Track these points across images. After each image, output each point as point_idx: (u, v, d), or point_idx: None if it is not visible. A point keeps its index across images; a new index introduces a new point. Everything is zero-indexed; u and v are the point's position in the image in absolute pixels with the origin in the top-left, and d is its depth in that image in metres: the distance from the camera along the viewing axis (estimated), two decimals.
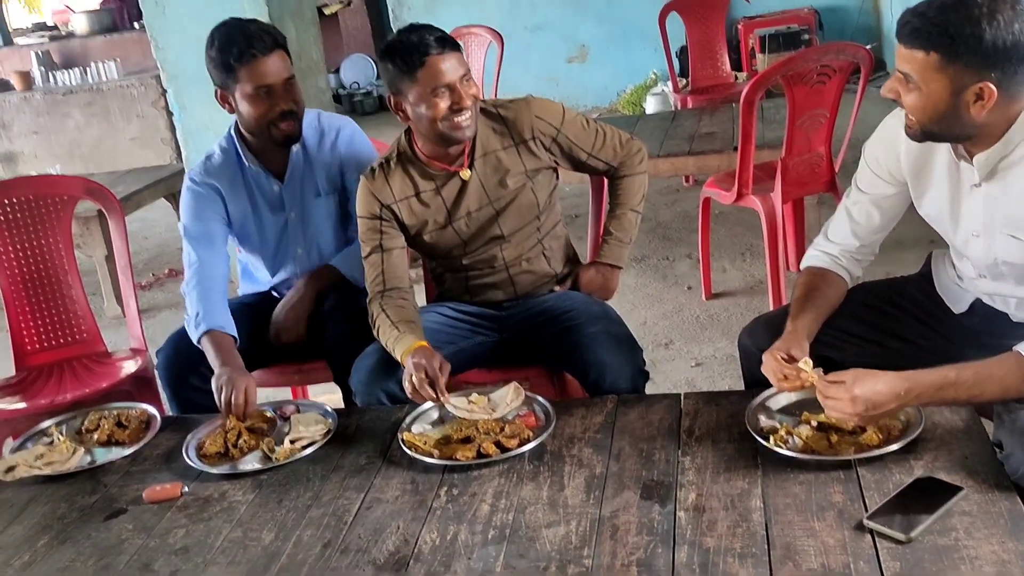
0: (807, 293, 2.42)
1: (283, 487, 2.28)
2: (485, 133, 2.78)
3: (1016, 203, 2.12)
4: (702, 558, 1.79)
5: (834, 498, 1.90)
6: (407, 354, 2.53)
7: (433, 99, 2.60)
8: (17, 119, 9.79)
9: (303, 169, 3.10)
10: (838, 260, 2.48)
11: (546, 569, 1.83)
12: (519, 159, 2.79)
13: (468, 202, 2.80)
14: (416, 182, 2.79)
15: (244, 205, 3.13)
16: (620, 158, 2.95)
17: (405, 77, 2.60)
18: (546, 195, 2.89)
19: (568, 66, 9.51)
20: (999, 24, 1.95)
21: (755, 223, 4.56)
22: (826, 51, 4.33)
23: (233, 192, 3.11)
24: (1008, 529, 1.74)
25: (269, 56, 2.87)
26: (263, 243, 3.19)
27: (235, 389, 2.59)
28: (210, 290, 2.96)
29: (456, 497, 2.12)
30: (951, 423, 2.09)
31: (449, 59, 2.60)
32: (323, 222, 3.16)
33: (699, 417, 2.28)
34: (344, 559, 1.96)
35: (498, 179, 2.79)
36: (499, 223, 2.84)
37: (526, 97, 2.84)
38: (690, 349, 4.30)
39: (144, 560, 2.07)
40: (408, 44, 2.58)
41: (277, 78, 2.89)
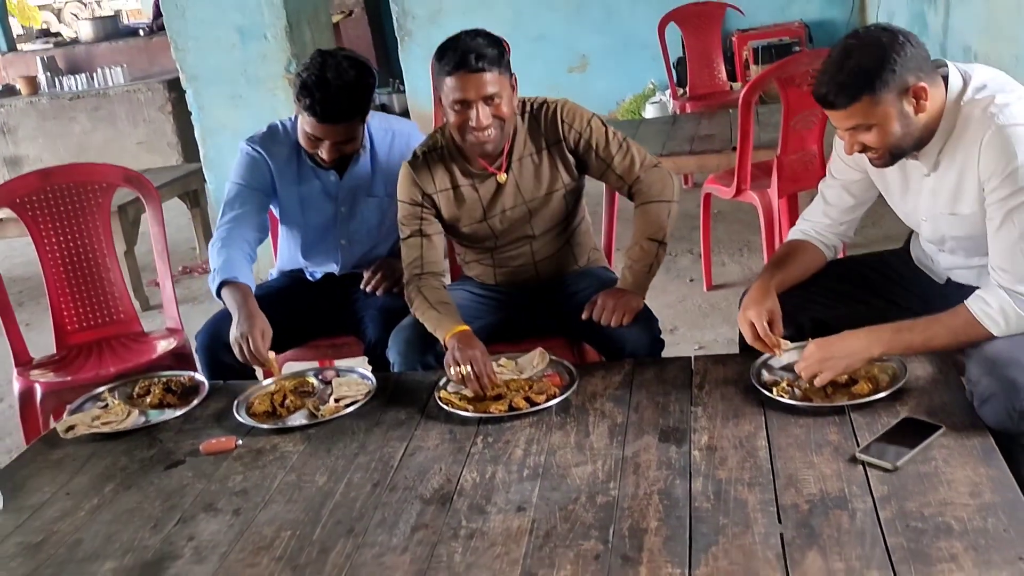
0: (780, 257, 2.73)
1: (330, 439, 2.48)
2: (522, 136, 2.89)
3: (956, 185, 2.39)
4: (716, 487, 2.03)
5: (830, 437, 2.16)
6: (449, 336, 2.68)
7: (452, 111, 2.73)
8: (23, 123, 9.85)
9: (365, 170, 3.20)
10: (809, 232, 2.77)
11: (577, 499, 2.06)
12: (553, 162, 2.91)
13: (504, 201, 2.93)
14: (455, 176, 2.91)
15: (293, 184, 3.21)
16: (638, 176, 2.91)
17: (439, 79, 2.71)
18: (575, 198, 3.03)
19: (569, 76, 9.71)
20: (893, 42, 2.24)
21: (752, 221, 4.80)
22: (817, 56, 4.55)
23: (284, 170, 3.19)
24: (980, 458, 2.00)
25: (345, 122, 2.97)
26: (306, 225, 3.30)
27: (243, 344, 2.77)
28: (233, 248, 3.08)
29: (491, 444, 2.35)
30: (931, 375, 2.37)
31: (476, 79, 2.64)
32: (370, 219, 3.28)
33: (708, 375, 2.53)
34: (393, 495, 2.18)
35: (533, 182, 2.92)
36: (532, 224, 2.98)
37: (561, 100, 2.93)
38: (693, 335, 4.54)
39: (207, 500, 2.27)
40: (449, 49, 2.67)
41: (334, 138, 2.99)
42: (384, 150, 3.22)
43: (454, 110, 2.71)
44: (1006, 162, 2.24)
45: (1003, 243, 2.30)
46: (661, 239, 2.89)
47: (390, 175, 3.12)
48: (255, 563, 1.99)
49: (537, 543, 1.92)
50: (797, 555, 1.78)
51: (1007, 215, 2.27)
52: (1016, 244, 2.28)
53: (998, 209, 2.29)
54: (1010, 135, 2.24)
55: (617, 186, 3.01)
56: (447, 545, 1.96)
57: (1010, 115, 2.26)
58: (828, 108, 2.33)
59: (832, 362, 2.32)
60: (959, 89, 2.34)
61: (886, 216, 2.81)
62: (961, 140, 2.34)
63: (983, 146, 2.27)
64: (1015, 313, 2.27)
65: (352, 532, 2.06)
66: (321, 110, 2.91)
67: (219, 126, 5.65)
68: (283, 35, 5.58)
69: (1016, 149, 2.23)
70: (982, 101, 2.31)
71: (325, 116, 2.92)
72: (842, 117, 2.33)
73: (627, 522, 1.95)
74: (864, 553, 1.76)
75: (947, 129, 2.35)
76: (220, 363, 3.04)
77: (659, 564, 1.81)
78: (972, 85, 2.34)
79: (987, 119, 2.27)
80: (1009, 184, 2.25)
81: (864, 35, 2.30)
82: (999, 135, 2.25)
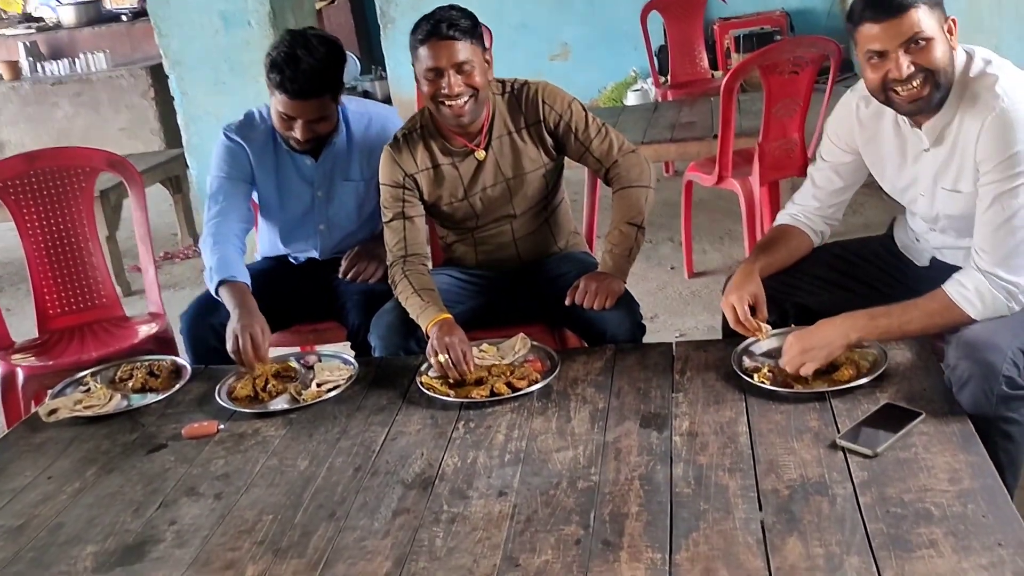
0: (768, 241, 2.74)
1: (312, 424, 2.49)
2: (501, 115, 2.92)
3: (959, 162, 2.40)
4: (696, 472, 2.04)
5: (811, 423, 2.17)
6: (432, 324, 2.69)
7: (425, 81, 2.75)
8: (4, 108, 9.78)
9: (341, 154, 3.19)
10: (798, 217, 2.77)
11: (558, 485, 2.07)
12: (532, 141, 2.94)
13: (484, 179, 2.95)
14: (435, 155, 2.93)
15: (270, 171, 3.21)
16: (616, 160, 2.95)
17: (414, 52, 2.75)
18: (555, 177, 3.06)
19: (551, 63, 9.70)
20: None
21: (733, 209, 4.82)
22: (799, 44, 4.61)
23: (262, 156, 3.19)
24: (959, 444, 2.02)
25: (315, 98, 2.95)
26: (284, 211, 3.30)
27: (242, 336, 2.76)
28: (225, 244, 3.07)
29: (473, 429, 2.36)
30: (911, 361, 2.39)
31: (448, 46, 2.68)
32: (348, 203, 3.27)
33: (690, 361, 2.54)
34: (375, 480, 2.19)
35: (512, 160, 2.94)
36: (512, 203, 3.00)
37: (542, 82, 2.96)
38: (674, 322, 4.55)
39: (189, 484, 2.27)
40: (423, 20, 2.71)
41: (306, 115, 2.98)
42: (360, 132, 3.21)
43: (427, 79, 2.74)
44: (1005, 147, 2.26)
45: (988, 225, 2.32)
46: (640, 223, 2.91)
47: (367, 158, 3.15)
48: (236, 547, 2.00)
49: (518, 528, 1.93)
50: (777, 540, 1.79)
51: (996, 198, 2.30)
52: (1000, 227, 2.30)
53: (989, 192, 2.31)
54: (1012, 120, 2.26)
55: (595, 168, 3.04)
56: (428, 530, 1.97)
57: (1014, 100, 2.28)
58: (882, 18, 2.26)
59: (813, 352, 2.33)
60: (964, 62, 2.36)
61: (867, 204, 2.83)
62: (966, 117, 2.35)
63: (984, 128, 2.29)
64: (991, 295, 2.30)
65: (334, 516, 2.06)
66: (291, 86, 2.90)
67: (202, 112, 5.65)
68: (267, 21, 5.58)
69: (1015, 136, 2.26)
70: (988, 78, 2.32)
71: (296, 92, 2.92)
72: (897, 28, 2.26)
73: (608, 507, 1.96)
74: (844, 539, 1.77)
75: (954, 103, 2.37)
76: (204, 345, 3.04)
77: (640, 549, 1.82)
78: (978, 57, 2.36)
79: (992, 100, 2.29)
80: (1004, 169, 2.27)
81: None
82: (1001, 120, 2.27)
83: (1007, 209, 2.28)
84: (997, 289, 2.30)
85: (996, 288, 2.30)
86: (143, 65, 9.61)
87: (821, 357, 2.34)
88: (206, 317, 3.05)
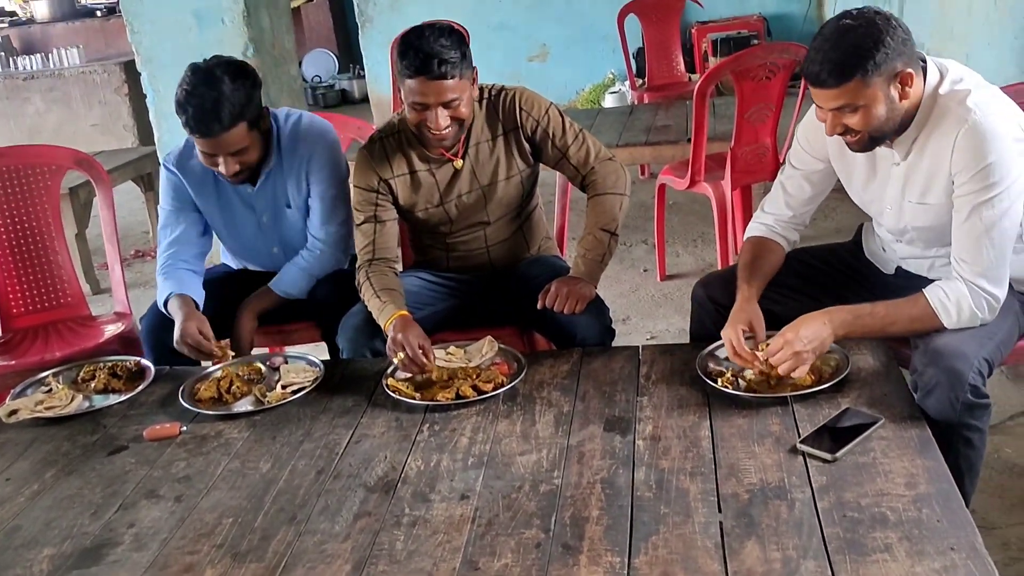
0: (752, 260, 2.68)
1: (276, 426, 2.48)
2: (479, 122, 2.90)
3: (927, 175, 2.42)
4: (658, 476, 2.04)
5: (772, 428, 2.18)
6: (389, 323, 2.70)
7: (410, 108, 2.73)
8: None
9: (274, 179, 3.10)
10: (774, 228, 2.76)
11: (520, 488, 2.07)
12: (509, 148, 2.93)
13: (460, 186, 2.94)
14: (412, 161, 2.91)
15: (212, 201, 3.16)
16: (593, 167, 2.95)
17: (400, 76, 2.71)
18: (530, 184, 3.06)
19: (529, 64, 9.73)
20: (886, 26, 2.25)
21: (706, 213, 4.83)
22: (772, 50, 4.60)
23: (201, 187, 3.14)
24: (917, 449, 2.03)
25: (224, 132, 2.81)
26: (234, 237, 3.27)
27: (183, 339, 2.80)
28: (176, 272, 3.08)
29: (438, 432, 2.35)
30: (873, 367, 2.39)
31: (437, 86, 2.64)
32: (296, 225, 3.20)
33: (655, 365, 2.54)
34: (337, 483, 2.18)
35: (489, 168, 2.93)
36: (487, 209, 2.99)
37: (519, 87, 2.94)
38: (646, 324, 4.56)
39: (149, 487, 2.25)
40: (412, 49, 2.64)
41: (224, 151, 2.87)
42: (289, 150, 3.10)
43: (414, 109, 2.72)
44: (979, 159, 2.27)
45: (967, 236, 2.34)
46: (613, 230, 2.91)
47: (297, 185, 3.10)
48: (195, 550, 1.98)
49: (479, 531, 1.93)
50: (736, 544, 1.79)
51: (974, 209, 2.31)
52: (980, 238, 2.32)
53: (966, 203, 2.32)
54: (985, 133, 2.27)
55: (571, 175, 3.02)
56: (389, 533, 1.96)
57: (986, 113, 2.29)
58: (818, 86, 2.32)
59: (805, 354, 2.32)
60: (936, 81, 2.36)
61: (838, 209, 2.84)
62: (936, 131, 2.36)
63: (958, 140, 2.30)
64: (969, 307, 2.32)
65: (294, 519, 2.05)
66: (197, 125, 2.79)
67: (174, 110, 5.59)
68: (240, 20, 5.54)
69: (989, 147, 2.27)
70: (959, 93, 2.33)
71: (204, 130, 2.80)
72: (830, 97, 2.31)
73: (569, 511, 1.96)
74: (801, 543, 1.77)
75: (923, 119, 2.38)
76: (165, 347, 3.01)
77: (599, 553, 1.81)
78: (949, 78, 2.36)
79: (964, 113, 2.30)
80: (979, 180, 2.28)
81: (859, 15, 2.29)
82: (975, 132, 2.28)
83: (985, 220, 2.30)
84: (977, 300, 2.32)
85: (977, 299, 2.32)
86: (117, 61, 9.57)
87: (812, 357, 2.34)
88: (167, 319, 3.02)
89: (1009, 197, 2.29)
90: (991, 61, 4.84)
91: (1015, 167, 2.29)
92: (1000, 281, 2.35)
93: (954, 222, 2.38)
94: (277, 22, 5.83)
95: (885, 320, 2.38)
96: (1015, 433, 3.30)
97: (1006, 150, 2.28)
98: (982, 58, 4.97)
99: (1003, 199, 2.29)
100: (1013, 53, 4.59)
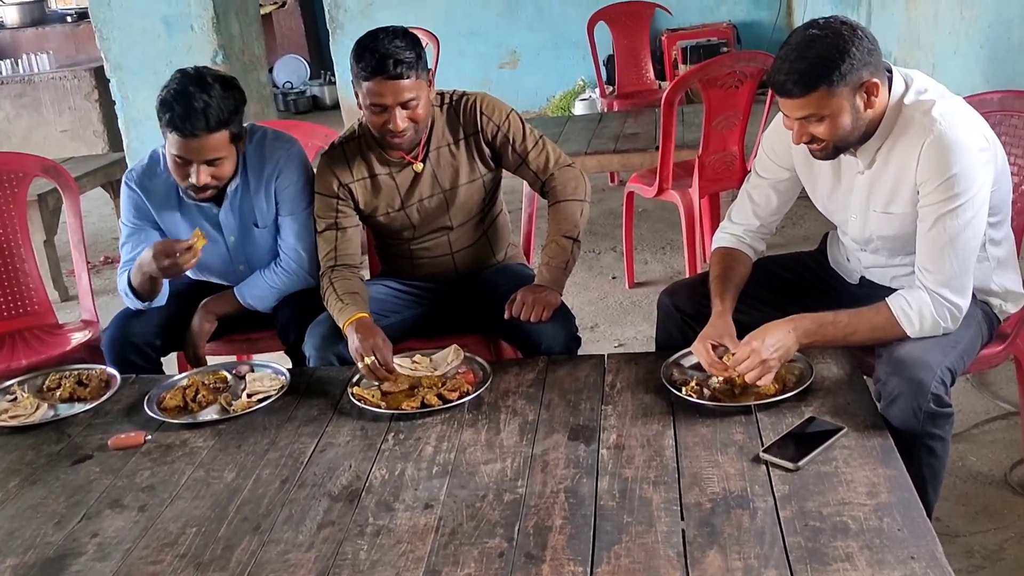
0: (723, 273, 2.70)
1: (241, 435, 2.47)
2: (440, 126, 2.92)
3: (892, 184, 2.44)
4: (621, 485, 2.05)
5: (736, 437, 2.19)
6: (348, 324, 2.71)
7: (369, 111, 2.76)
8: None
9: (241, 199, 3.06)
10: (743, 239, 2.78)
11: (484, 497, 2.07)
12: (469, 153, 2.94)
13: (421, 190, 2.95)
14: (372, 165, 2.93)
15: (177, 221, 3.10)
16: (552, 173, 2.97)
17: (356, 80, 2.74)
18: (492, 188, 3.07)
19: (500, 71, 9.74)
20: (853, 36, 2.28)
21: (675, 220, 4.85)
22: (739, 58, 4.64)
23: (163, 206, 3.08)
24: (879, 459, 2.04)
25: (200, 138, 2.77)
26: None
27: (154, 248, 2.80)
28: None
29: (403, 441, 2.35)
30: (836, 376, 2.41)
31: (394, 86, 2.67)
32: (263, 244, 3.14)
33: (620, 374, 2.55)
34: (302, 492, 2.17)
35: (450, 172, 2.94)
36: (449, 214, 3.00)
37: (481, 93, 2.96)
38: (614, 332, 4.56)
39: (113, 496, 2.24)
40: (368, 51, 2.67)
41: (201, 157, 2.82)
42: (255, 169, 3.04)
43: (372, 111, 2.75)
44: (944, 170, 2.30)
45: (931, 246, 2.36)
46: (576, 236, 2.93)
47: (267, 203, 3.06)
48: (158, 560, 1.98)
49: (443, 541, 1.93)
50: (697, 553, 1.80)
51: (938, 219, 2.33)
52: (944, 248, 2.34)
53: (930, 213, 2.35)
54: (951, 143, 2.30)
55: (531, 181, 3.05)
56: (353, 542, 1.96)
57: (951, 124, 2.31)
58: (784, 96, 2.34)
59: (771, 362, 2.33)
60: (901, 91, 2.39)
61: (806, 217, 2.86)
62: (900, 140, 2.39)
63: (923, 151, 2.32)
64: (931, 316, 2.34)
65: (258, 529, 2.05)
66: (183, 123, 2.74)
67: (143, 116, 5.60)
68: (210, 26, 5.54)
69: (954, 158, 2.29)
70: (924, 104, 2.36)
71: (189, 129, 2.75)
72: (796, 106, 2.34)
73: (532, 520, 1.96)
74: (763, 552, 1.79)
75: (887, 128, 2.40)
76: (126, 361, 3.01)
77: (562, 562, 1.82)
78: (914, 88, 2.39)
79: (930, 123, 2.32)
80: (944, 191, 2.31)
81: (825, 26, 2.31)
82: (940, 143, 2.30)
83: (949, 230, 2.32)
84: (940, 309, 2.35)
85: (939, 308, 2.35)
86: (87, 67, 9.51)
87: (778, 364, 2.35)
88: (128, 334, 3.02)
89: (973, 207, 2.32)
90: (957, 70, 4.89)
91: (979, 178, 2.31)
92: (963, 290, 2.37)
93: (918, 231, 2.40)
94: (247, 29, 5.83)
95: (848, 329, 2.40)
96: (980, 441, 3.33)
97: (971, 161, 2.30)
98: (948, 67, 5.03)
99: (967, 209, 2.31)
100: (978, 63, 4.64)
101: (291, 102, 11.69)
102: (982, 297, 2.55)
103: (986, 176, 2.34)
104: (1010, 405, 3.47)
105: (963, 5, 4.81)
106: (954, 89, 2.46)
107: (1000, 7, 4.38)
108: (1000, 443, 3.31)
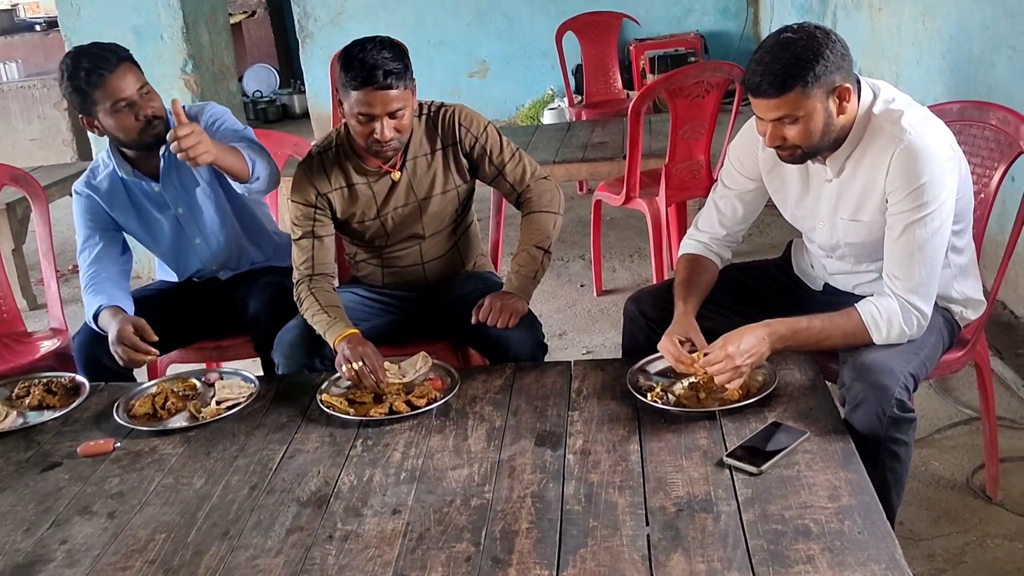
0: (689, 277, 2.73)
1: (210, 442, 2.48)
2: (418, 136, 2.94)
3: (861, 192, 2.48)
4: (587, 490, 2.08)
5: (700, 442, 2.22)
6: (340, 340, 2.71)
7: (356, 121, 2.76)
8: None
9: (175, 164, 3.10)
10: (709, 247, 2.81)
11: (452, 502, 2.09)
12: (446, 164, 2.96)
13: (396, 198, 2.97)
14: (350, 174, 2.94)
15: (128, 212, 3.20)
16: (528, 185, 3.00)
17: (344, 89, 2.74)
18: (466, 199, 3.10)
19: (469, 80, 9.78)
20: (827, 40, 2.31)
21: (643, 228, 4.90)
22: (704, 68, 4.68)
23: (114, 202, 3.18)
24: (841, 463, 2.08)
25: (116, 71, 2.88)
26: (158, 242, 3.28)
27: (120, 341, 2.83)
28: (104, 285, 3.09)
29: (371, 447, 2.37)
30: (800, 382, 2.44)
31: (383, 96, 2.68)
32: (209, 208, 3.23)
33: (587, 380, 2.58)
34: (270, 498, 2.19)
35: (426, 181, 2.96)
36: (422, 223, 3.02)
37: (459, 105, 2.99)
38: (581, 339, 4.60)
39: (83, 503, 2.25)
40: (357, 61, 2.67)
41: (131, 90, 2.91)
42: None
43: (359, 121, 2.75)
44: (913, 179, 2.34)
45: (900, 254, 2.40)
46: (547, 247, 2.95)
47: None
48: (127, 566, 1.98)
49: (410, 545, 1.95)
50: (662, 557, 1.83)
51: (907, 228, 2.37)
52: (913, 256, 2.38)
53: (899, 221, 2.39)
54: (920, 153, 2.34)
55: (507, 192, 3.07)
56: (321, 548, 1.97)
57: (920, 134, 2.36)
58: (758, 96, 2.36)
59: (744, 367, 2.36)
60: (870, 100, 2.43)
61: (773, 225, 2.90)
62: (869, 149, 2.42)
63: (893, 160, 2.36)
64: (899, 324, 2.38)
65: (227, 535, 2.06)
66: (103, 64, 2.87)
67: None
68: (180, 36, 5.54)
69: (923, 167, 2.33)
70: (893, 113, 2.40)
71: (108, 65, 2.88)
72: (770, 107, 2.36)
73: (499, 524, 1.99)
74: (726, 555, 1.81)
75: (856, 137, 2.44)
76: (98, 363, 3.02)
77: (528, 566, 1.84)
78: (881, 97, 2.43)
79: (899, 133, 2.36)
80: (913, 199, 2.35)
81: (799, 29, 2.34)
82: (909, 152, 2.34)
83: (917, 238, 2.37)
84: (908, 317, 2.39)
85: (907, 315, 2.39)
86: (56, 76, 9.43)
87: (750, 369, 2.38)
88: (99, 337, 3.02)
89: (940, 216, 2.37)
90: (919, 80, 4.96)
91: (946, 187, 2.36)
92: (929, 298, 2.42)
93: (887, 239, 2.44)
94: (216, 38, 5.83)
95: (820, 335, 2.44)
96: (942, 446, 3.38)
97: (939, 170, 2.34)
98: (911, 76, 5.10)
99: (935, 217, 2.36)
100: (941, 72, 4.71)
101: (261, 111, 11.69)
102: (943, 304, 2.59)
103: (952, 185, 2.38)
104: (971, 410, 3.52)
105: (925, 16, 4.88)
106: (917, 98, 2.51)
107: (961, 18, 4.45)
108: (962, 448, 3.36)
